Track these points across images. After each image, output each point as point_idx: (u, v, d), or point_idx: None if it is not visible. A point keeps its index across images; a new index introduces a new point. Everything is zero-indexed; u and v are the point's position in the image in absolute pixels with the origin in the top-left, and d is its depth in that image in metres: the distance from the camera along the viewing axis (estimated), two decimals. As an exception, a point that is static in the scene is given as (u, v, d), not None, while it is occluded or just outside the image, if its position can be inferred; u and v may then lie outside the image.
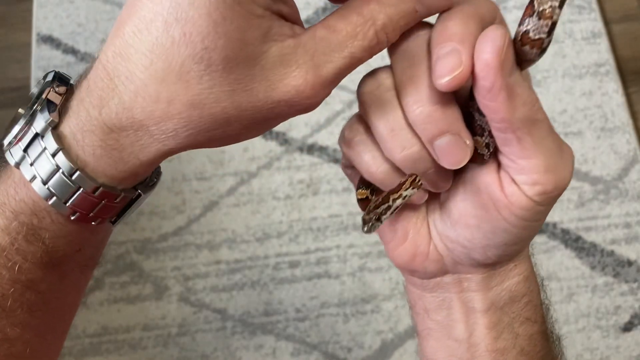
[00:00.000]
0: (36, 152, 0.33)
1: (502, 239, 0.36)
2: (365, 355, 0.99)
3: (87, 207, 0.34)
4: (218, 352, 1.00)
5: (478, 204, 0.36)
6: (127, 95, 0.30)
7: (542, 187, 0.34)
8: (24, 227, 0.34)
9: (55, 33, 1.23)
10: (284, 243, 1.06)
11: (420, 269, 0.40)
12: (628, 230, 1.04)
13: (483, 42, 0.30)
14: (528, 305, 0.41)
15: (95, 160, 0.32)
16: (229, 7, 0.28)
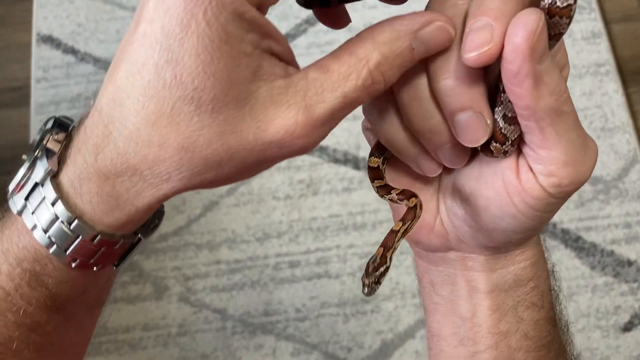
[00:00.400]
0: (36, 201, 0.33)
1: (508, 225, 0.36)
2: (365, 355, 0.99)
3: (87, 255, 0.34)
4: (218, 352, 1.00)
5: (491, 186, 0.35)
6: (121, 141, 0.30)
7: (558, 179, 0.33)
8: (27, 273, 0.34)
9: (55, 33, 1.23)
10: (284, 243, 1.05)
11: (424, 241, 0.40)
12: (628, 230, 1.04)
13: (515, 24, 0.29)
14: (534, 290, 0.40)
15: (93, 208, 0.32)
16: (217, 46, 0.27)
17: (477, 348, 0.40)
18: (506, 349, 0.40)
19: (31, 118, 1.16)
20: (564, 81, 0.31)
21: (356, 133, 1.11)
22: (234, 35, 0.27)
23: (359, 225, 1.06)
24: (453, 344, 0.42)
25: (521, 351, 0.40)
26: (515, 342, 0.40)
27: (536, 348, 0.40)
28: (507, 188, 0.35)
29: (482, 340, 0.40)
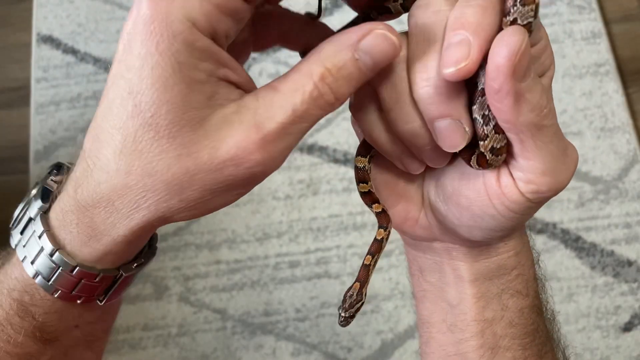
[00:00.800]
0: (28, 235, 0.36)
1: (487, 224, 0.37)
2: (365, 355, 0.99)
3: (68, 286, 0.36)
4: (218, 352, 1.00)
5: (472, 187, 0.37)
6: (95, 173, 0.32)
7: (536, 187, 0.34)
8: (15, 303, 0.36)
9: (55, 33, 1.23)
10: (284, 243, 1.06)
11: (410, 232, 0.42)
12: (628, 230, 1.04)
13: (498, 44, 0.30)
14: (518, 278, 0.41)
15: (73, 239, 0.34)
16: (170, 75, 0.29)
17: (464, 335, 0.42)
18: (491, 336, 0.41)
19: (31, 118, 1.16)
20: (545, 96, 0.32)
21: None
22: (186, 64, 0.29)
23: (359, 225, 1.06)
24: (442, 331, 0.43)
25: (506, 338, 0.41)
26: (501, 330, 0.41)
27: (521, 335, 0.41)
28: (487, 190, 0.36)
29: (467, 327, 0.41)
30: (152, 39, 0.29)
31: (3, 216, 0.45)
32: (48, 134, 1.14)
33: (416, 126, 0.34)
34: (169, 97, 0.29)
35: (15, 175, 1.13)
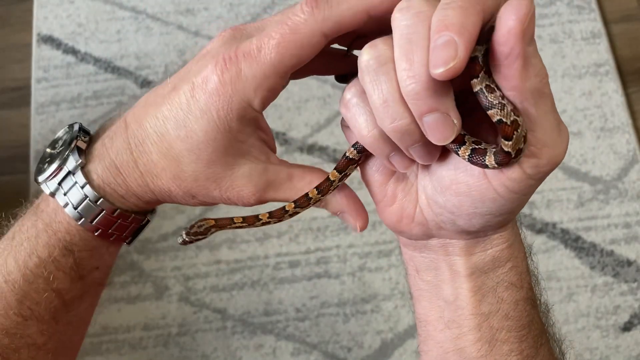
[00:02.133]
0: (68, 185, 0.43)
1: (488, 209, 0.38)
2: (365, 355, 0.99)
3: (108, 225, 0.44)
4: (218, 351, 1.00)
5: (471, 173, 0.38)
6: (136, 154, 0.42)
7: (536, 160, 0.35)
8: (60, 242, 0.44)
9: (56, 33, 1.23)
10: (284, 243, 1.06)
11: (406, 231, 0.43)
12: (627, 230, 1.05)
13: (507, 9, 0.31)
14: (512, 270, 0.42)
15: (112, 191, 0.43)
16: (221, 132, 0.39)
17: (461, 330, 0.42)
18: (488, 329, 0.42)
19: (31, 118, 1.16)
20: (544, 65, 0.34)
21: (356, 133, 1.11)
22: (235, 128, 0.40)
23: (359, 225, 1.06)
24: (439, 328, 0.43)
25: (503, 331, 0.42)
26: (497, 323, 0.42)
27: (517, 328, 0.42)
28: (486, 173, 0.37)
29: (465, 322, 0.42)
30: (214, 105, 0.39)
31: (3, 216, 0.47)
32: (48, 134, 1.15)
33: (405, 123, 0.35)
34: (215, 144, 0.40)
35: (15, 175, 1.13)
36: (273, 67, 0.38)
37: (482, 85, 0.34)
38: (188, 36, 1.22)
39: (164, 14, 1.24)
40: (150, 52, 1.20)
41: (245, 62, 0.38)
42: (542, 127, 0.35)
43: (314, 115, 1.13)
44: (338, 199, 0.44)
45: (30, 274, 0.43)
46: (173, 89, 0.41)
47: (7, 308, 0.43)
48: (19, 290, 0.43)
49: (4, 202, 1.09)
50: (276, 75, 0.38)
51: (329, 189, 0.42)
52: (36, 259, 0.43)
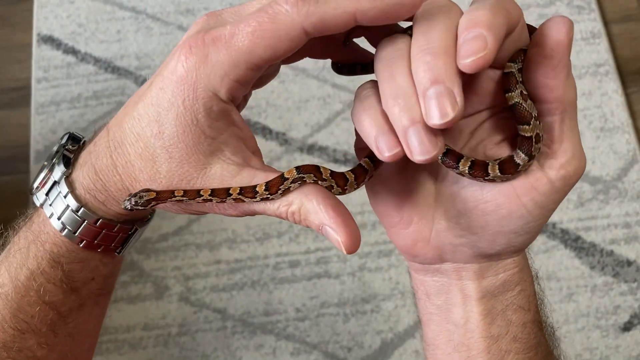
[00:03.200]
0: (54, 195, 0.42)
1: (514, 227, 0.38)
2: (365, 355, 0.99)
3: (91, 236, 0.43)
4: (218, 351, 1.00)
5: (499, 192, 0.38)
6: (115, 156, 0.40)
7: (566, 171, 0.37)
8: (47, 254, 0.43)
9: (56, 33, 1.23)
10: (284, 243, 1.06)
11: (420, 255, 0.42)
12: (627, 230, 1.05)
13: (555, 23, 0.34)
14: (521, 293, 0.43)
15: (92, 199, 0.42)
16: (188, 125, 0.37)
17: (470, 353, 0.42)
18: (497, 352, 0.42)
19: (31, 118, 1.16)
20: None
21: (356, 133, 1.11)
22: (202, 121, 0.37)
23: (359, 225, 1.05)
24: (447, 352, 0.43)
25: (511, 353, 0.42)
26: (506, 345, 0.42)
27: (525, 350, 0.42)
28: (516, 190, 0.37)
29: (475, 345, 0.42)
30: (180, 94, 0.37)
31: (4, 215, 0.47)
32: (48, 134, 1.15)
33: (409, 98, 0.33)
34: (185, 139, 0.37)
35: (15, 175, 1.13)
36: (244, 55, 0.35)
37: (519, 99, 0.35)
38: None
39: (164, 14, 1.24)
40: (150, 52, 1.20)
41: (213, 47, 0.36)
42: (570, 139, 0.36)
43: (314, 115, 1.13)
44: (319, 210, 0.37)
45: (22, 286, 0.43)
46: (149, 86, 0.39)
47: (2, 322, 0.43)
48: (12, 303, 0.43)
49: (3, 202, 1.09)
50: (246, 66, 0.35)
51: (278, 187, 0.37)
52: (26, 271, 0.43)
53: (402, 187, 0.42)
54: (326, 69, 1.15)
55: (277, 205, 0.38)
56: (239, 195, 0.38)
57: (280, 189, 0.37)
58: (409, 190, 0.42)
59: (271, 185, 0.37)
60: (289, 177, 0.37)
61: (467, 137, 0.40)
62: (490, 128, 0.39)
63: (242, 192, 0.38)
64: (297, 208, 0.38)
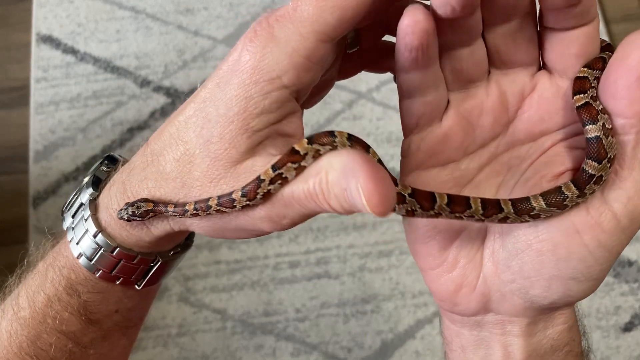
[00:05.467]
0: (77, 219, 0.39)
1: (574, 271, 0.34)
2: (365, 355, 0.99)
3: (109, 266, 0.39)
4: (218, 352, 1.00)
5: (558, 227, 0.34)
6: (149, 168, 0.36)
7: (634, 206, 0.32)
8: (64, 280, 0.40)
9: (55, 33, 1.22)
10: (284, 243, 1.05)
11: (463, 303, 0.37)
12: (628, 230, 1.04)
13: (635, 39, 0.30)
14: (569, 355, 0.38)
15: (112, 221, 0.38)
16: (236, 106, 0.32)
17: None
18: None
19: (31, 118, 1.16)
20: None
21: (356, 133, 1.10)
22: (251, 108, 0.32)
23: (359, 225, 1.06)
24: None
25: None
26: None
27: None
28: (576, 227, 0.33)
29: None
30: (238, 78, 0.32)
31: (3, 215, 0.46)
32: (48, 134, 1.14)
33: None
34: (226, 121, 0.33)
35: (15, 175, 1.13)
36: (312, 25, 0.31)
37: (588, 99, 0.32)
38: (188, 36, 1.21)
39: (163, 14, 1.24)
40: (149, 51, 1.20)
41: (278, 25, 0.32)
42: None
43: (314, 115, 1.13)
44: (344, 165, 0.30)
45: (40, 312, 0.40)
46: (200, 89, 0.35)
47: (20, 349, 0.40)
48: (30, 329, 0.40)
49: (3, 202, 1.09)
50: (315, 37, 0.31)
51: (256, 193, 0.33)
52: (44, 296, 0.40)
53: (449, 223, 0.37)
54: (326, 68, 1.15)
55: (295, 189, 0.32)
56: (217, 207, 0.34)
57: (258, 193, 0.33)
58: (456, 228, 0.37)
59: (248, 191, 0.33)
60: (265, 179, 0.33)
61: (525, 168, 0.36)
62: (552, 156, 0.35)
63: (220, 201, 0.34)
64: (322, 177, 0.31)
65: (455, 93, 0.36)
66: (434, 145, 0.36)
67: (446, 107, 0.36)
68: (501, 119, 0.36)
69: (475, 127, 0.36)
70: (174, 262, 0.42)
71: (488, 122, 0.36)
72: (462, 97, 0.36)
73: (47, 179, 1.10)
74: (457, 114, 0.36)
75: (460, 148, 0.37)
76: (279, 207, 0.33)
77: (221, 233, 0.36)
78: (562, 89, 0.35)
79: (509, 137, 0.37)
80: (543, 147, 0.36)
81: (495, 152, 0.37)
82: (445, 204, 0.33)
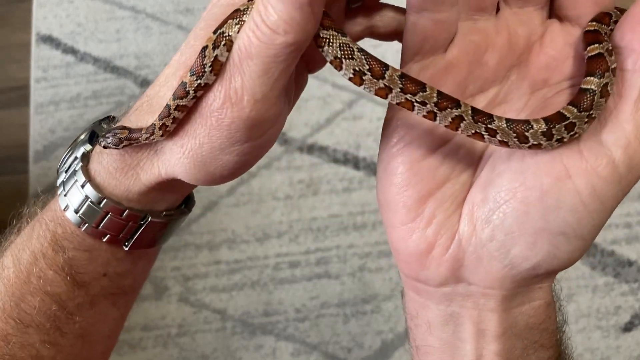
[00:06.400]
0: (70, 172, 0.38)
1: (563, 223, 0.31)
2: (365, 356, 0.99)
3: (96, 220, 0.37)
4: (218, 352, 1.00)
5: (547, 172, 0.31)
6: (143, 109, 0.35)
7: (634, 151, 0.30)
8: (50, 234, 0.38)
9: (55, 33, 1.22)
10: (284, 243, 1.05)
11: (432, 267, 0.34)
12: (628, 230, 1.04)
13: None
14: (544, 332, 0.35)
15: (102, 170, 0.36)
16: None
17: None
18: None
19: (31, 118, 1.15)
20: None
21: (356, 133, 1.11)
22: None
23: (359, 225, 1.06)
24: None
25: None
26: None
27: None
28: (569, 170, 0.30)
29: None
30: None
31: (3, 215, 0.46)
32: (47, 134, 1.14)
33: None
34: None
35: (14, 175, 1.13)
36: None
37: (603, 51, 0.30)
38: (187, 36, 1.21)
39: (163, 14, 1.24)
40: (149, 51, 1.20)
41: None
42: None
43: (314, 115, 1.13)
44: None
45: (24, 270, 0.38)
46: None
47: (2, 311, 0.38)
48: (14, 289, 0.38)
49: (2, 202, 1.09)
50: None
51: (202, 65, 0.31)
52: (29, 253, 0.38)
53: (431, 171, 0.34)
54: (326, 68, 1.15)
55: None
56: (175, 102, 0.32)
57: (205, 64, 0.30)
58: (439, 177, 0.34)
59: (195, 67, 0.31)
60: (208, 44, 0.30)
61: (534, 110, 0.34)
62: (550, 105, 0.33)
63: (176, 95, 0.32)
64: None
65: (464, 23, 0.33)
66: (435, 76, 0.33)
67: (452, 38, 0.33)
68: (507, 59, 0.34)
69: (480, 63, 0.34)
70: (167, 228, 0.40)
71: (493, 60, 0.34)
72: (469, 28, 0.33)
73: (47, 179, 1.10)
74: (463, 45, 0.33)
75: (461, 85, 0.34)
76: (231, 73, 0.30)
77: (204, 164, 0.34)
78: (573, 37, 0.33)
79: (510, 85, 0.34)
80: (542, 101, 0.34)
81: (494, 100, 0.34)
82: (398, 75, 0.30)
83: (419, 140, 0.34)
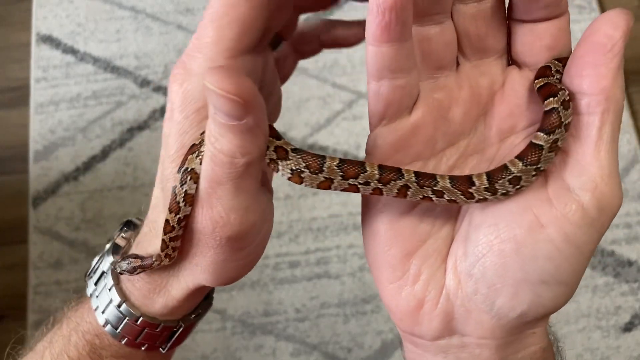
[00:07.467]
0: (101, 287, 0.40)
1: (541, 272, 0.31)
2: (365, 356, 0.99)
3: (133, 334, 0.39)
4: (218, 352, 1.00)
5: (519, 224, 0.31)
6: (154, 238, 0.37)
7: (601, 194, 0.30)
8: (88, 345, 0.40)
9: (55, 33, 1.22)
10: (284, 243, 1.05)
11: (425, 322, 0.34)
12: (628, 230, 1.04)
13: (614, 12, 0.30)
14: None
15: (136, 292, 0.38)
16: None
17: None
18: None
19: (30, 118, 1.15)
20: None
21: (356, 133, 1.11)
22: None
23: (359, 225, 1.06)
24: None
25: None
26: None
27: None
28: (540, 220, 0.31)
29: None
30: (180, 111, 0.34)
31: (3, 215, 0.46)
32: (47, 134, 1.14)
33: None
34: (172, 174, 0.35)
35: (14, 175, 1.13)
36: (215, 46, 0.32)
37: (558, 105, 0.31)
38: (187, 36, 1.21)
39: (163, 14, 1.24)
40: (149, 51, 1.20)
41: (189, 59, 0.34)
42: (609, 153, 0.30)
43: (314, 115, 1.13)
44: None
45: None
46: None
47: None
48: None
49: (3, 202, 1.09)
50: (224, 55, 0.32)
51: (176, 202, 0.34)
52: (67, 359, 0.40)
53: (412, 229, 0.35)
54: (326, 68, 1.15)
55: None
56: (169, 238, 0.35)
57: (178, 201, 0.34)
58: (420, 234, 0.35)
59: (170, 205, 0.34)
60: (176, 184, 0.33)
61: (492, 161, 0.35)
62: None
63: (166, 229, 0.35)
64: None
65: (425, 82, 0.34)
66: (403, 137, 0.34)
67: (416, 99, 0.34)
68: (472, 111, 0.35)
69: (445, 119, 0.34)
70: (196, 323, 0.43)
71: (459, 115, 0.34)
72: (431, 87, 0.34)
73: (47, 179, 1.10)
74: (427, 104, 0.34)
75: (429, 142, 0.34)
76: (209, 202, 0.32)
77: (221, 274, 0.38)
78: (532, 82, 0.34)
79: (479, 135, 0.35)
80: (511, 148, 0.34)
81: (465, 153, 0.35)
82: (336, 164, 0.31)
83: (395, 200, 0.34)
